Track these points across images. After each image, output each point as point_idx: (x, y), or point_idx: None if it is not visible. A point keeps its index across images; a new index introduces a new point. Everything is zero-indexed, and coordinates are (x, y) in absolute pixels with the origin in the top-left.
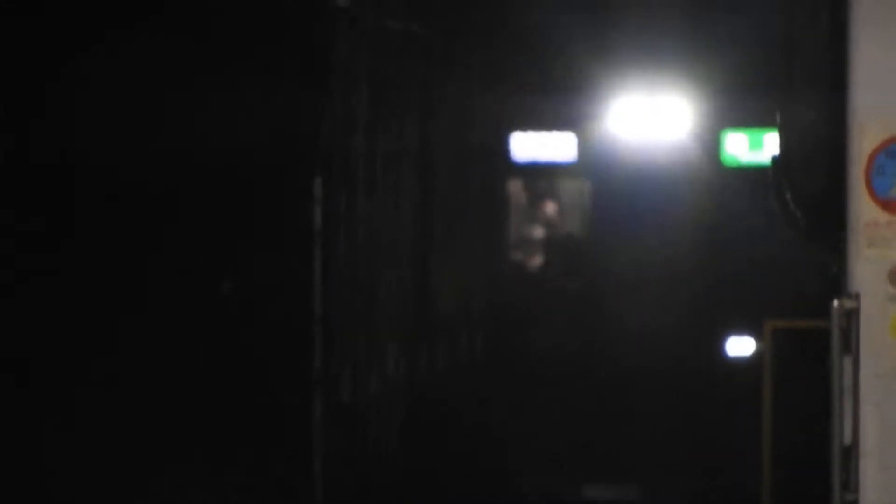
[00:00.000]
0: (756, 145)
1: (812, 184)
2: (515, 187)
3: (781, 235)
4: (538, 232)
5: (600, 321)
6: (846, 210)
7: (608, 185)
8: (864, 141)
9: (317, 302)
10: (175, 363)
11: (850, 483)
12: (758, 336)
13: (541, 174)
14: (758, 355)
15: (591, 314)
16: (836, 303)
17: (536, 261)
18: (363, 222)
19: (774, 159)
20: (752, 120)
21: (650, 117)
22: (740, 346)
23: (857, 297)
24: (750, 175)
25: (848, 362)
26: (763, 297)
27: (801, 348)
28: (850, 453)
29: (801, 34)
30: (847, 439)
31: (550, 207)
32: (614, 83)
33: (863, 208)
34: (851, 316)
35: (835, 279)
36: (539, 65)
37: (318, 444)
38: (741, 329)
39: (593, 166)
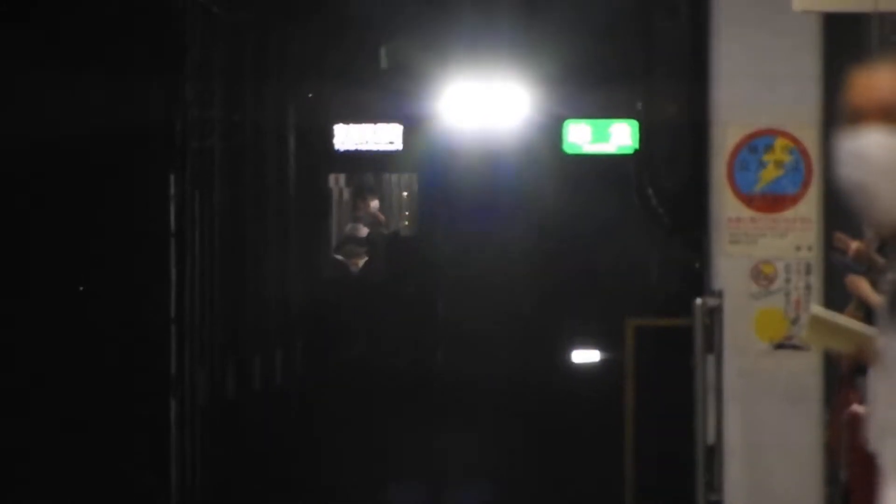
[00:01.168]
0: (600, 136)
1: (673, 179)
2: (338, 181)
3: (631, 230)
4: (362, 230)
5: (432, 329)
6: (708, 206)
7: (437, 178)
8: (726, 136)
9: (172, 303)
10: (27, 364)
11: (715, 483)
12: (605, 338)
13: (365, 166)
14: (608, 359)
15: (422, 321)
16: (698, 301)
17: (361, 262)
18: (217, 220)
19: (635, 153)
20: (596, 110)
21: (487, 106)
22: (586, 353)
23: (720, 294)
24: (593, 165)
25: (711, 360)
26: (612, 294)
27: (662, 347)
28: (714, 453)
29: (660, 25)
30: (711, 439)
31: (375, 202)
32: (449, 71)
33: (726, 204)
34: (714, 314)
35: (687, 274)
36: (364, 52)
37: (174, 447)
38: (588, 332)
39: (421, 157)
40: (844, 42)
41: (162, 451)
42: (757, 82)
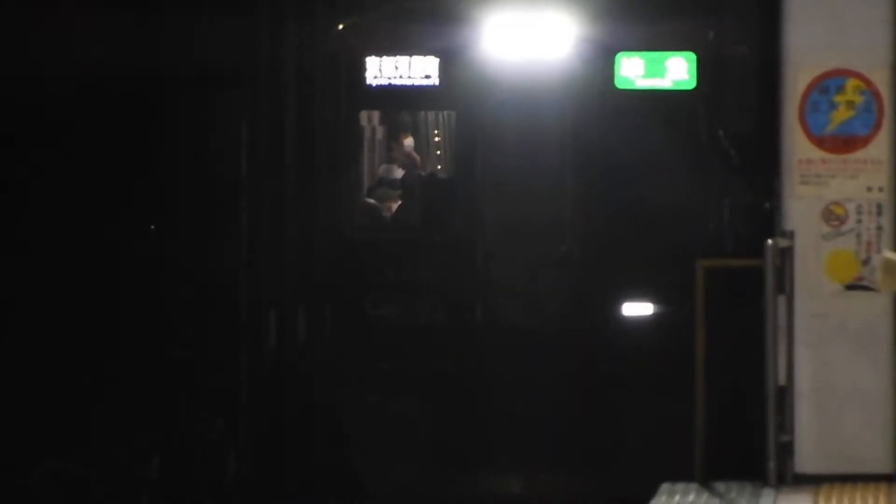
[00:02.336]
0: (654, 71)
1: (744, 120)
2: (369, 119)
3: (690, 170)
4: (396, 172)
5: (472, 279)
6: (779, 148)
7: (477, 116)
8: (797, 78)
9: (243, 247)
10: (106, 303)
11: (786, 425)
12: (663, 286)
13: (399, 103)
14: (666, 310)
15: (461, 271)
16: (770, 241)
17: (395, 206)
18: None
19: (702, 92)
20: (650, 43)
21: (529, 37)
22: (640, 305)
23: (791, 235)
24: (648, 102)
25: (782, 302)
26: (671, 239)
27: (734, 288)
28: (785, 395)
29: None
30: (782, 380)
31: (409, 142)
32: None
33: (797, 146)
34: (786, 255)
35: (754, 216)
36: None
37: (245, 393)
38: (644, 279)
39: (459, 93)
40: None
41: (231, 397)
42: (828, 24)
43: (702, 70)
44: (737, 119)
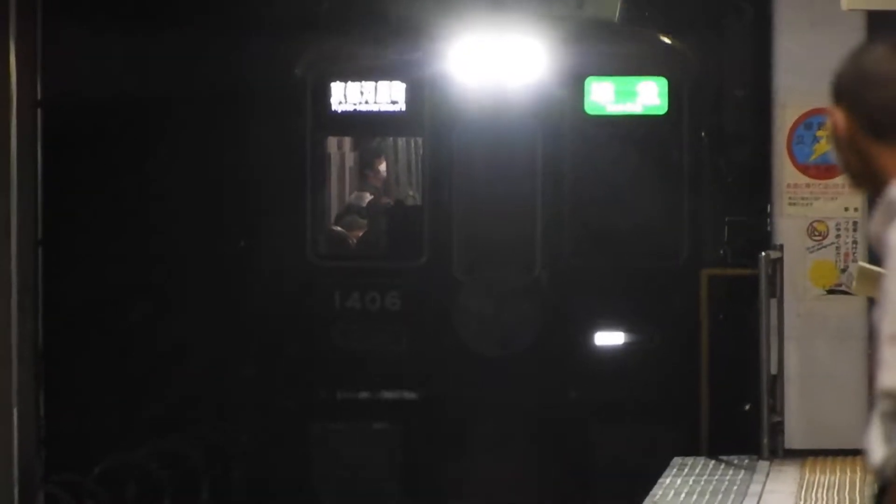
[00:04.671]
0: (624, 96)
1: (741, 151)
2: (339, 145)
3: (662, 194)
4: (366, 199)
5: (439, 307)
6: (771, 174)
7: (444, 142)
8: (786, 115)
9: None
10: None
11: (777, 407)
12: (636, 309)
13: (365, 129)
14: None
15: (429, 299)
16: (763, 254)
17: (361, 234)
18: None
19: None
20: (620, 67)
21: (497, 62)
22: (611, 333)
23: (781, 248)
24: (620, 127)
25: (773, 304)
26: (639, 266)
27: (732, 293)
28: (776, 382)
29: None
30: (773, 370)
31: (382, 168)
32: (453, 23)
33: (785, 173)
34: (776, 264)
35: (731, 233)
36: (363, 2)
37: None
38: (613, 318)
39: (426, 119)
40: (887, 36)
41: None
42: (811, 70)
43: (674, 96)
44: (737, 151)
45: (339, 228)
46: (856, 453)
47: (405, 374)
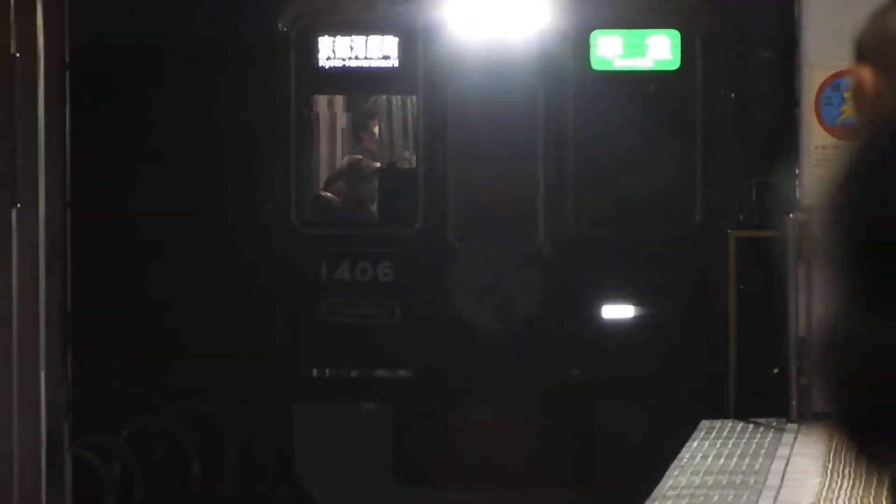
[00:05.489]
0: (633, 50)
1: (766, 113)
2: (324, 104)
3: (673, 156)
4: (357, 163)
5: (434, 277)
6: (798, 136)
7: (440, 100)
8: (813, 77)
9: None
10: None
11: (805, 370)
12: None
13: (354, 86)
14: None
15: (422, 268)
16: (791, 216)
17: (353, 202)
18: None
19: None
20: (629, 19)
21: (496, 14)
22: (619, 309)
23: (809, 210)
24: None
25: (802, 266)
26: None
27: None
28: (804, 344)
29: None
30: (801, 332)
31: (375, 129)
32: None
33: (814, 134)
34: (804, 226)
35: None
36: None
37: None
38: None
39: (421, 75)
40: None
41: None
42: (838, 31)
43: (686, 50)
44: (762, 113)
45: (327, 193)
46: None
47: (398, 350)
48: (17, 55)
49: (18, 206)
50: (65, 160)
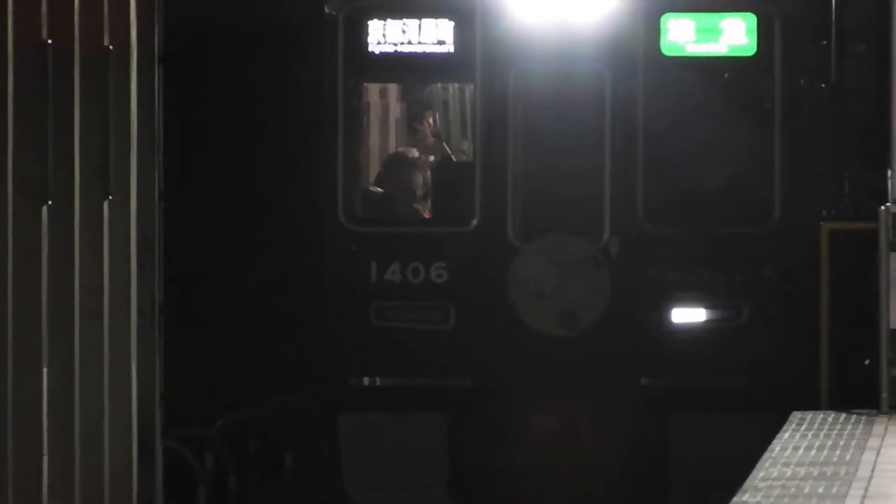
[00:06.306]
0: (706, 34)
1: (862, 110)
2: (375, 93)
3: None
4: (411, 156)
5: (493, 278)
6: (890, 128)
7: (499, 89)
8: None
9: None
10: None
11: None
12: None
13: (406, 73)
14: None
15: (480, 268)
16: (883, 207)
17: (405, 198)
18: None
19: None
20: (702, 1)
21: None
22: (691, 312)
23: None
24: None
25: (894, 258)
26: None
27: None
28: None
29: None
30: (893, 323)
31: (431, 122)
32: None
33: None
34: None
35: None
36: None
37: None
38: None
39: (478, 62)
40: None
41: None
42: None
43: (763, 34)
44: (860, 106)
45: (377, 188)
46: None
47: (453, 357)
48: (111, 47)
49: (111, 198)
50: (156, 154)
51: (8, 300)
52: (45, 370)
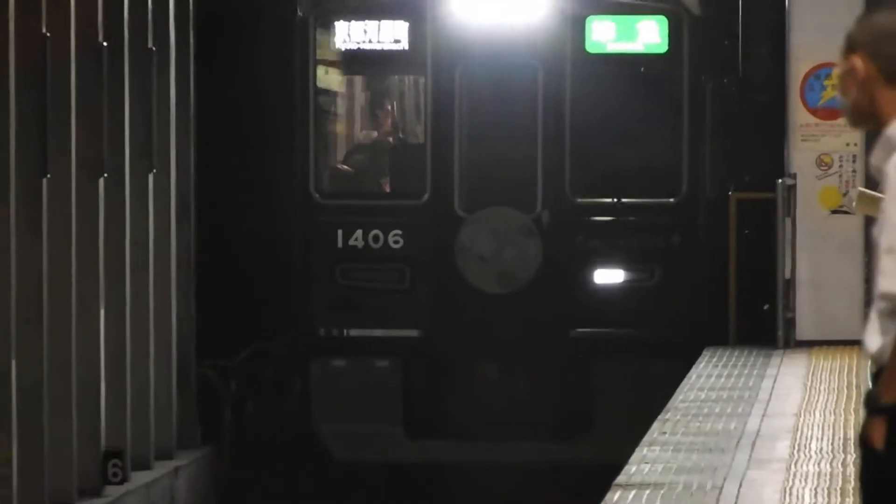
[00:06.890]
0: (625, 34)
1: (765, 98)
2: (349, 84)
3: (665, 135)
4: (371, 137)
5: (442, 245)
6: (787, 116)
7: (446, 81)
8: (799, 68)
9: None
10: None
11: (790, 305)
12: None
13: (368, 67)
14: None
15: (431, 237)
16: (780, 181)
17: (368, 175)
18: None
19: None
20: (621, 6)
21: (500, 1)
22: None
23: (794, 176)
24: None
25: (789, 222)
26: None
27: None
28: (790, 285)
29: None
30: (787, 275)
31: (391, 108)
32: None
33: (799, 115)
34: (791, 189)
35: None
36: None
37: None
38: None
39: (428, 57)
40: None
41: None
42: (819, 30)
43: (674, 35)
44: (761, 98)
45: (344, 167)
46: (855, 343)
47: (407, 311)
48: (154, 49)
49: (154, 171)
50: (190, 135)
51: (72, 256)
52: (101, 312)
